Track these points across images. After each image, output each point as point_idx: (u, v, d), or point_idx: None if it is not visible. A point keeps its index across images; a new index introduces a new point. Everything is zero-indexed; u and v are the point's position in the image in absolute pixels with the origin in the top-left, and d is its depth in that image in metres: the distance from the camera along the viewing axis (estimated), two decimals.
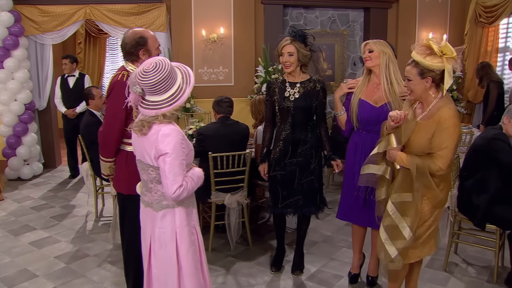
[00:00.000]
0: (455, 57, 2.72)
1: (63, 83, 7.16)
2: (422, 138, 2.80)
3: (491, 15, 7.96)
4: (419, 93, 2.82)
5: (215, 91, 7.24)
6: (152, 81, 2.31)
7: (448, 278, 3.93)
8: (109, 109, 3.09)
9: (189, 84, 2.42)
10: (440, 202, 2.90)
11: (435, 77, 2.75)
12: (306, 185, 3.79)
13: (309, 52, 3.73)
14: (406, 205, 2.86)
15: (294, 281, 3.91)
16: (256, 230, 5.03)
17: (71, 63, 7.15)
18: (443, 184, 2.90)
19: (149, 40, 3.11)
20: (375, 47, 3.38)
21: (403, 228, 2.87)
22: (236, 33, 7.94)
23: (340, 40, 8.74)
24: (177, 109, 2.41)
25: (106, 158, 3.18)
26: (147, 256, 2.60)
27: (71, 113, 7.08)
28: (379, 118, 3.33)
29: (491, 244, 3.98)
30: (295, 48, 3.65)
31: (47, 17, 7.40)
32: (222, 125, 4.44)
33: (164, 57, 2.50)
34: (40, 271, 4.07)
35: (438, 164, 2.73)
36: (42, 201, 6.16)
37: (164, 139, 2.34)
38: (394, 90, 3.34)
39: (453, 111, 2.74)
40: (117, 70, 3.22)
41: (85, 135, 5.35)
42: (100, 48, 11.03)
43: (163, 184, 2.37)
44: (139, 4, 7.58)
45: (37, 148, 7.45)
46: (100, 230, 5.08)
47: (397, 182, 2.92)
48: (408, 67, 2.82)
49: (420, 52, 2.77)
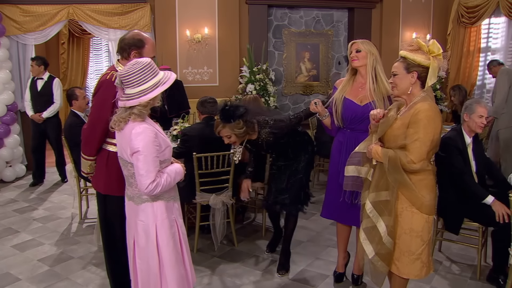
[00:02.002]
0: (441, 55, 2.75)
1: (32, 86, 6.85)
2: (399, 131, 2.78)
3: (473, 16, 8.05)
4: (403, 88, 2.82)
5: (199, 91, 7.22)
6: (124, 72, 2.45)
7: (432, 276, 3.96)
8: (95, 107, 3.09)
9: (163, 85, 2.50)
10: (425, 206, 2.79)
11: (420, 73, 2.77)
12: (295, 183, 3.90)
13: (244, 126, 3.66)
14: (384, 204, 2.83)
15: (279, 281, 3.91)
16: (241, 231, 5.02)
17: (38, 66, 6.73)
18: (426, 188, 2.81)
19: (146, 46, 3.11)
20: (363, 47, 3.40)
21: (380, 226, 2.84)
22: (220, 33, 7.93)
23: (325, 40, 8.78)
24: (145, 106, 2.48)
25: (88, 156, 3.18)
26: (132, 247, 2.69)
27: (37, 118, 6.75)
28: (363, 116, 3.37)
29: (474, 242, 4.04)
30: (229, 131, 3.66)
31: (29, 17, 7.31)
32: (207, 126, 4.42)
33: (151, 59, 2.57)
34: (23, 274, 4.02)
35: (409, 156, 2.68)
36: (25, 203, 6.08)
37: (136, 137, 2.45)
38: (380, 90, 3.37)
39: (429, 105, 2.72)
40: (107, 69, 3.24)
41: (68, 137, 5.29)
42: (83, 49, 10.92)
43: (137, 180, 2.50)
44: (122, 4, 7.53)
45: (19, 150, 7.35)
46: (85, 232, 5.03)
47: (375, 180, 2.89)
48: (395, 64, 2.85)
49: (408, 49, 2.82)
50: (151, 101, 2.50)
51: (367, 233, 2.91)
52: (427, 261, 2.91)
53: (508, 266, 3.41)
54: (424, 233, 2.82)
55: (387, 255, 2.84)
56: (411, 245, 2.82)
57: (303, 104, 8.89)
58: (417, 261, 2.85)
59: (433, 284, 3.84)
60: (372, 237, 2.87)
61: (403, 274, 2.89)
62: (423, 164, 2.72)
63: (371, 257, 2.87)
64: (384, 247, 2.83)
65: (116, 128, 2.55)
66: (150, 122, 2.60)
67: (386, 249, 2.83)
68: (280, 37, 8.57)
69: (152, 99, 2.49)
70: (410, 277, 2.93)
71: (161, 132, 2.66)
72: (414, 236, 2.81)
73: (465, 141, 3.86)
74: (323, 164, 6.62)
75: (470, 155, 3.89)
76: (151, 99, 2.48)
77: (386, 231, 2.81)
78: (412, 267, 2.86)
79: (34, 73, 6.80)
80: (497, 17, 7.88)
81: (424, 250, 2.85)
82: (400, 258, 2.87)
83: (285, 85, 8.74)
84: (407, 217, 2.81)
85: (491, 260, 3.84)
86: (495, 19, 8.00)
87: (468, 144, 3.87)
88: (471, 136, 3.89)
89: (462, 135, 3.86)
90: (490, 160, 4.27)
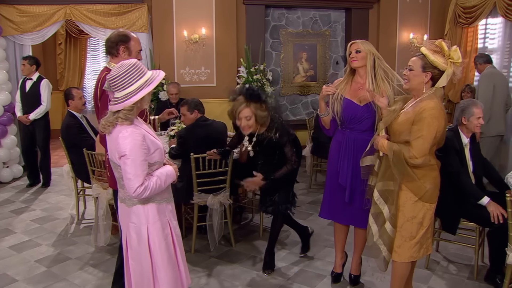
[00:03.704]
0: (459, 64, 2.83)
1: (22, 86, 6.74)
2: (403, 127, 2.92)
3: (470, 16, 8.06)
4: (415, 84, 2.93)
5: (197, 91, 7.22)
6: (110, 76, 2.43)
7: (429, 276, 3.97)
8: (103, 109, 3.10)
9: (147, 87, 2.45)
10: (427, 195, 2.93)
11: (435, 75, 2.87)
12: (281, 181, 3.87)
13: (267, 111, 3.67)
14: (389, 193, 2.99)
15: (276, 281, 3.91)
16: (239, 231, 5.02)
17: (30, 65, 6.59)
18: (427, 177, 2.95)
19: (132, 40, 3.24)
20: (363, 47, 3.39)
21: (385, 213, 3.02)
22: (218, 34, 7.93)
23: (322, 40, 8.79)
24: (130, 110, 2.44)
25: None
26: (125, 248, 2.70)
27: (24, 119, 6.62)
28: (363, 116, 3.40)
29: (471, 242, 4.04)
30: (251, 112, 3.62)
31: (26, 17, 7.30)
32: (200, 126, 4.42)
33: (137, 60, 2.53)
34: (20, 275, 4.01)
35: (412, 151, 2.83)
36: (22, 204, 6.06)
37: (123, 141, 2.42)
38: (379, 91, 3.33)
39: (434, 103, 2.82)
40: (100, 72, 3.29)
41: (65, 137, 5.28)
42: (81, 49, 10.90)
43: (125, 184, 2.47)
44: (120, 4, 7.52)
45: (16, 151, 7.32)
46: (82, 233, 5.02)
47: (381, 171, 3.05)
48: (414, 58, 2.95)
49: (430, 48, 2.89)
50: (139, 103, 2.46)
51: (374, 217, 3.10)
52: (426, 242, 3.06)
53: (505, 266, 3.41)
54: (425, 220, 2.99)
55: (388, 241, 3.02)
56: (413, 231, 2.99)
57: (300, 105, 8.90)
58: (417, 244, 3.02)
59: (431, 284, 3.85)
60: (378, 222, 3.07)
61: (404, 259, 3.04)
62: (425, 159, 2.87)
63: (375, 239, 3.07)
64: (385, 233, 3.02)
65: (105, 132, 2.53)
66: (139, 124, 2.55)
67: (387, 235, 3.01)
68: (278, 37, 8.58)
69: (138, 101, 2.44)
70: (410, 260, 3.06)
71: (151, 134, 2.62)
72: (416, 223, 2.98)
73: (462, 142, 3.88)
74: (321, 164, 6.62)
75: (467, 156, 3.90)
76: (136, 102, 2.43)
77: (389, 217, 2.99)
78: (412, 250, 3.03)
79: (25, 72, 6.66)
80: (494, 18, 7.88)
81: (425, 233, 3.01)
82: (402, 245, 3.02)
83: (283, 85, 8.75)
84: (410, 207, 2.97)
85: (488, 260, 3.84)
86: (492, 20, 8.00)
87: (465, 144, 3.89)
88: (469, 136, 3.91)
89: (458, 135, 3.88)
90: (487, 160, 4.27)
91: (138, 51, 3.28)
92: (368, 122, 3.41)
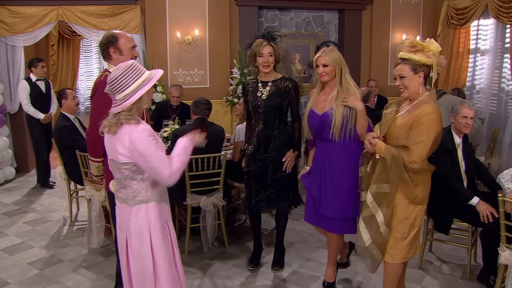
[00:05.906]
0: (439, 52, 2.87)
1: (34, 88, 6.74)
2: (401, 131, 2.92)
3: (462, 17, 8.10)
4: (414, 88, 2.92)
5: (190, 93, 7.21)
6: (109, 79, 2.43)
7: (423, 276, 3.99)
8: (94, 109, 3.12)
9: (144, 87, 2.44)
10: (418, 198, 2.95)
11: (426, 72, 2.90)
12: (278, 181, 3.86)
13: (283, 53, 3.84)
14: (383, 196, 2.99)
15: (271, 282, 3.91)
16: (232, 232, 5.02)
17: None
18: (422, 184, 2.97)
19: (120, 39, 3.17)
20: (329, 60, 3.36)
21: (378, 216, 3.00)
22: (211, 35, 7.92)
23: (315, 41, 8.76)
24: (129, 111, 2.43)
25: (95, 158, 3.21)
26: (124, 250, 2.67)
27: (49, 117, 6.82)
28: (321, 124, 3.42)
29: (464, 242, 4.06)
30: (272, 49, 3.76)
31: (18, 18, 7.24)
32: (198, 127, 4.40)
33: (134, 60, 2.53)
34: (12, 278, 3.99)
35: (412, 156, 2.83)
36: (14, 206, 6.03)
37: (139, 140, 2.42)
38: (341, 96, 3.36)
39: (432, 108, 2.83)
40: (101, 72, 3.27)
41: (58, 139, 5.27)
42: (74, 50, 10.83)
43: (157, 177, 2.50)
44: (113, 5, 7.49)
45: (9, 152, 7.28)
46: (75, 235, 5.00)
47: (376, 173, 3.04)
48: (398, 66, 2.94)
49: (407, 50, 2.91)
50: (137, 103, 2.45)
51: (365, 222, 3.08)
52: (415, 243, 3.09)
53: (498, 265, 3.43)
54: (416, 221, 3.02)
55: (382, 243, 3.03)
56: (405, 232, 3.01)
57: None
58: (408, 245, 3.04)
59: (424, 284, 3.86)
60: (370, 226, 3.05)
61: (397, 260, 3.05)
62: (424, 164, 2.88)
63: (367, 244, 3.05)
64: (380, 236, 3.01)
65: (109, 133, 2.50)
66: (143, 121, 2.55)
67: (382, 238, 3.01)
68: None
69: (137, 102, 2.43)
70: (402, 261, 3.07)
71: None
72: (408, 224, 3.00)
73: (455, 142, 3.91)
74: None
75: (460, 156, 3.92)
76: (135, 103, 2.42)
77: (383, 221, 2.98)
78: (404, 251, 3.05)
79: (41, 74, 6.80)
80: (486, 19, 7.92)
81: (415, 234, 3.04)
82: (394, 246, 3.03)
83: None
84: (403, 208, 2.98)
85: (482, 260, 3.86)
86: (484, 21, 8.04)
87: (458, 144, 3.92)
88: (461, 136, 3.93)
89: (451, 136, 3.90)
90: (479, 161, 4.30)
91: (130, 48, 3.21)
92: (328, 129, 3.39)
